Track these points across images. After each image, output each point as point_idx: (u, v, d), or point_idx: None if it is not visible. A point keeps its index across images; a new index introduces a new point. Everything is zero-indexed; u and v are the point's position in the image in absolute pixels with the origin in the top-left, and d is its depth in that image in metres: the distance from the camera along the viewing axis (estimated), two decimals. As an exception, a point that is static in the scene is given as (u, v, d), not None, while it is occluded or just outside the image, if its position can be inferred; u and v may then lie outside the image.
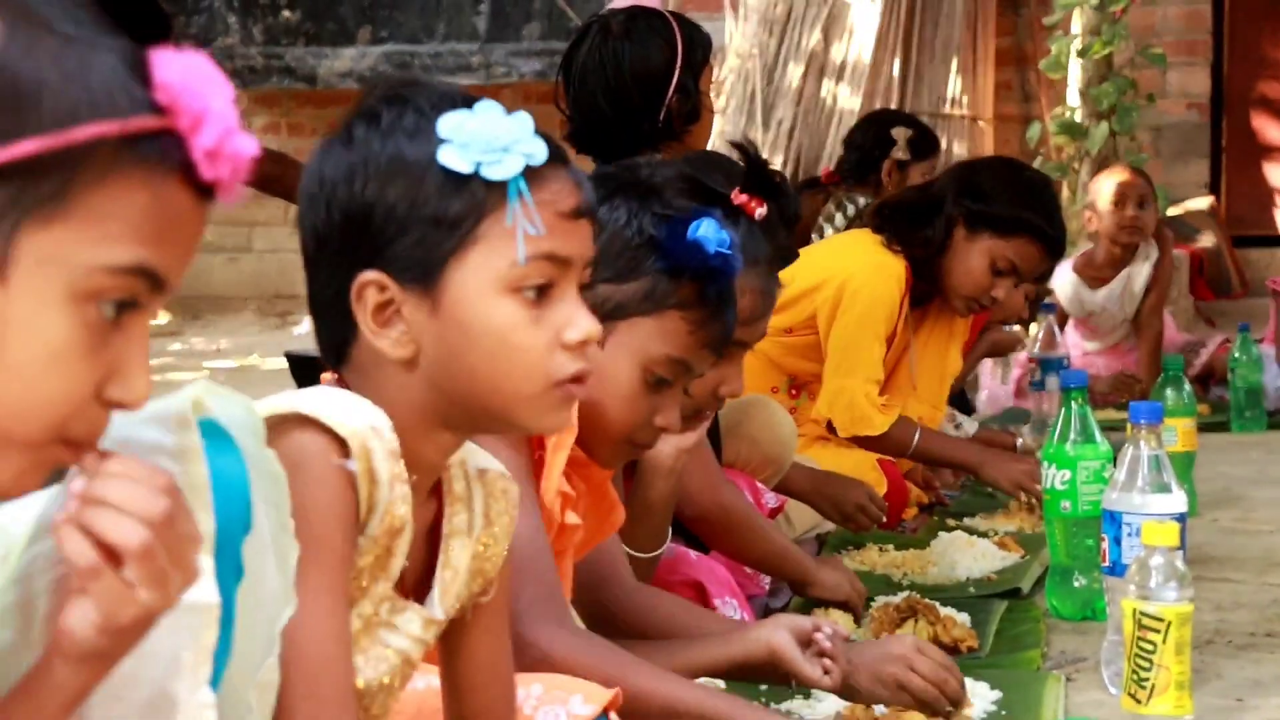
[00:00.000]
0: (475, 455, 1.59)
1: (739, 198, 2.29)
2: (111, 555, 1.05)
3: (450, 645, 1.58)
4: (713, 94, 3.37)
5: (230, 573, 1.20)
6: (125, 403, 1.06)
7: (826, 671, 2.05)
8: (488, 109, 1.45)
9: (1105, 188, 5.57)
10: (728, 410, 3.02)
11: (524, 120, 1.45)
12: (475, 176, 1.43)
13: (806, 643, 2.06)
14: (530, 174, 1.44)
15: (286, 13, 8.10)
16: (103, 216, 1.02)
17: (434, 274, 1.44)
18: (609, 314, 1.89)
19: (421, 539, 1.52)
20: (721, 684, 2.28)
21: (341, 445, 1.40)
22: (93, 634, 1.07)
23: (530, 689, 1.71)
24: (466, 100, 1.47)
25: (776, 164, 6.63)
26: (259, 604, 1.24)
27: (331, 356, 1.52)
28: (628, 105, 3.11)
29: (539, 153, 1.44)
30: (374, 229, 1.44)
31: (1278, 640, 2.68)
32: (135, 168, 1.02)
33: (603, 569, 2.16)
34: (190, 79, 1.04)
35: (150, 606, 1.07)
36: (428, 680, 1.75)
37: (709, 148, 3.32)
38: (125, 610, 1.06)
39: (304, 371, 5.45)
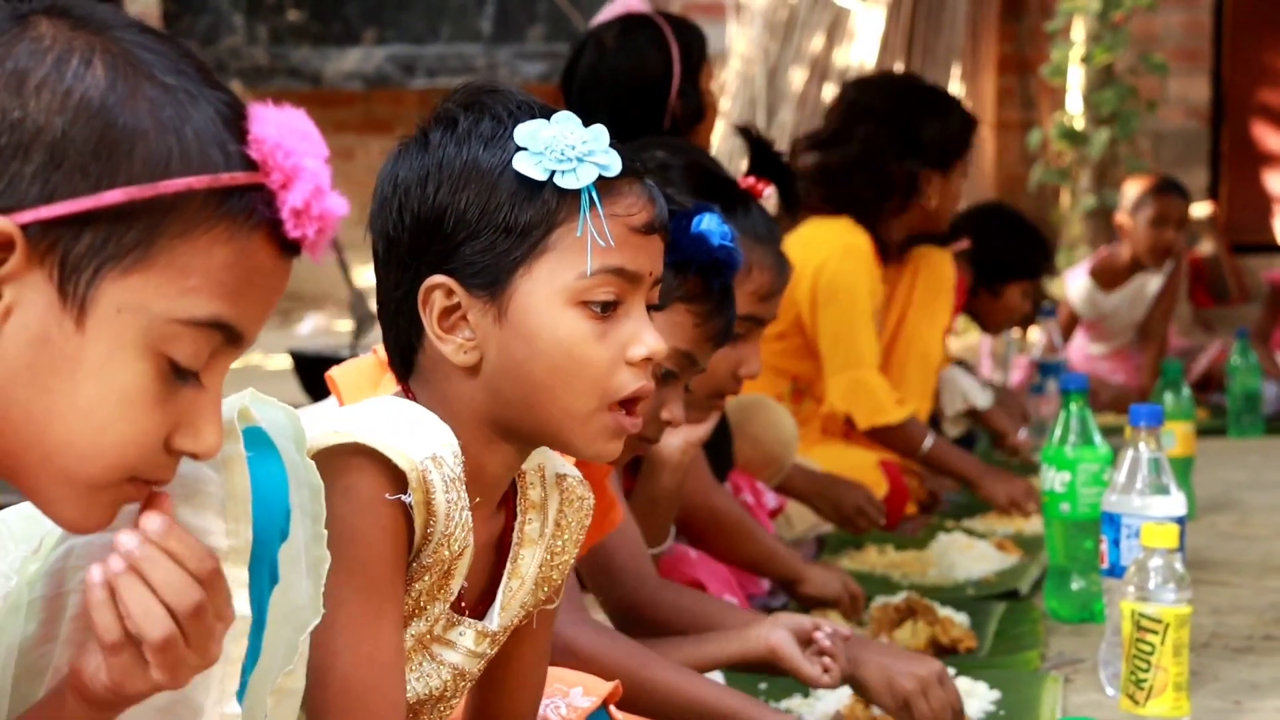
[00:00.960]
0: (553, 460, 1.58)
1: (745, 180, 2.32)
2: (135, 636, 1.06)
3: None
4: (715, 90, 3.39)
5: (265, 579, 1.21)
6: (195, 454, 1.07)
7: (826, 670, 2.06)
8: (565, 119, 1.45)
9: (1146, 203, 5.55)
10: (730, 410, 3.04)
11: (600, 132, 1.45)
12: (549, 185, 1.42)
13: (807, 641, 2.08)
14: (603, 185, 1.44)
15: (292, 13, 8.11)
16: (185, 269, 1.03)
17: (502, 281, 1.44)
18: None
19: (486, 551, 1.52)
20: (720, 677, 2.31)
21: (399, 476, 1.39)
22: (101, 690, 1.08)
23: None
24: (544, 109, 1.47)
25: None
26: (288, 612, 1.25)
27: (398, 361, 1.51)
28: (629, 117, 3.13)
29: (614, 164, 1.44)
30: (445, 233, 1.44)
31: (1275, 643, 2.70)
32: (221, 222, 1.03)
33: (627, 566, 2.18)
34: (285, 136, 1.05)
35: (160, 685, 1.08)
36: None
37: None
38: (135, 684, 1.08)
39: (308, 370, 5.47)
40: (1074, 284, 5.74)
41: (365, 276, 7.92)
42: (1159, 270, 5.61)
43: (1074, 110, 6.98)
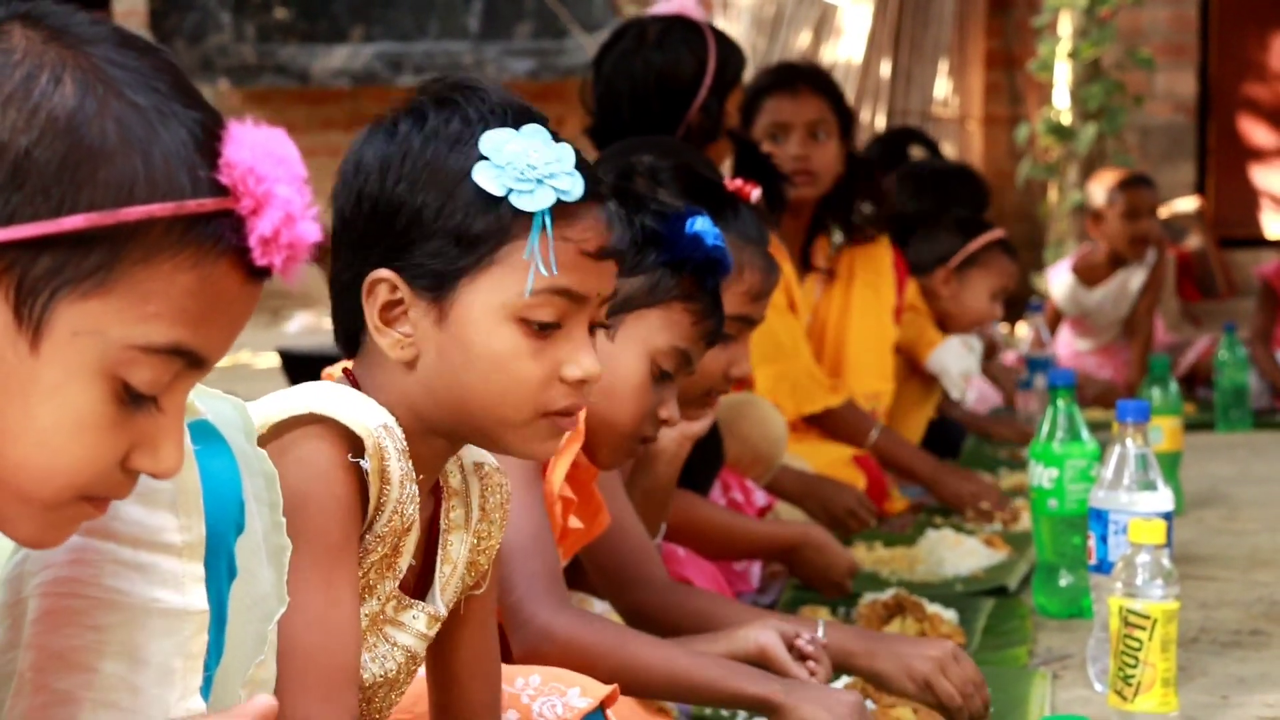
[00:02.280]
0: (470, 451, 1.60)
1: (734, 183, 2.33)
2: None
3: (438, 638, 1.59)
4: (734, 114, 3.38)
5: (223, 573, 1.21)
6: (154, 473, 1.06)
7: (812, 674, 2.08)
8: (534, 133, 1.44)
9: (1116, 199, 5.56)
10: (719, 409, 3.04)
11: (565, 152, 1.44)
12: (505, 200, 1.42)
13: (789, 644, 2.09)
14: (561, 209, 1.43)
15: (280, 11, 8.10)
16: (145, 295, 1.00)
17: (447, 286, 1.44)
18: (616, 307, 1.92)
19: (420, 536, 1.54)
20: None
21: (355, 443, 1.41)
22: None
23: (529, 679, 1.74)
24: (518, 116, 1.46)
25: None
26: (252, 603, 1.25)
27: (343, 341, 1.53)
28: (648, 113, 3.13)
29: (574, 189, 1.43)
30: (398, 228, 1.45)
31: (1262, 638, 2.70)
32: (186, 248, 1.01)
33: (635, 569, 2.19)
34: (259, 160, 1.02)
35: None
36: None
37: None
38: None
39: (297, 368, 5.47)
40: (1057, 281, 5.75)
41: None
42: (1140, 264, 5.62)
43: (1061, 105, 6.99)
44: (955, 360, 4.08)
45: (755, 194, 2.31)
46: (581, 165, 1.46)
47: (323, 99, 7.99)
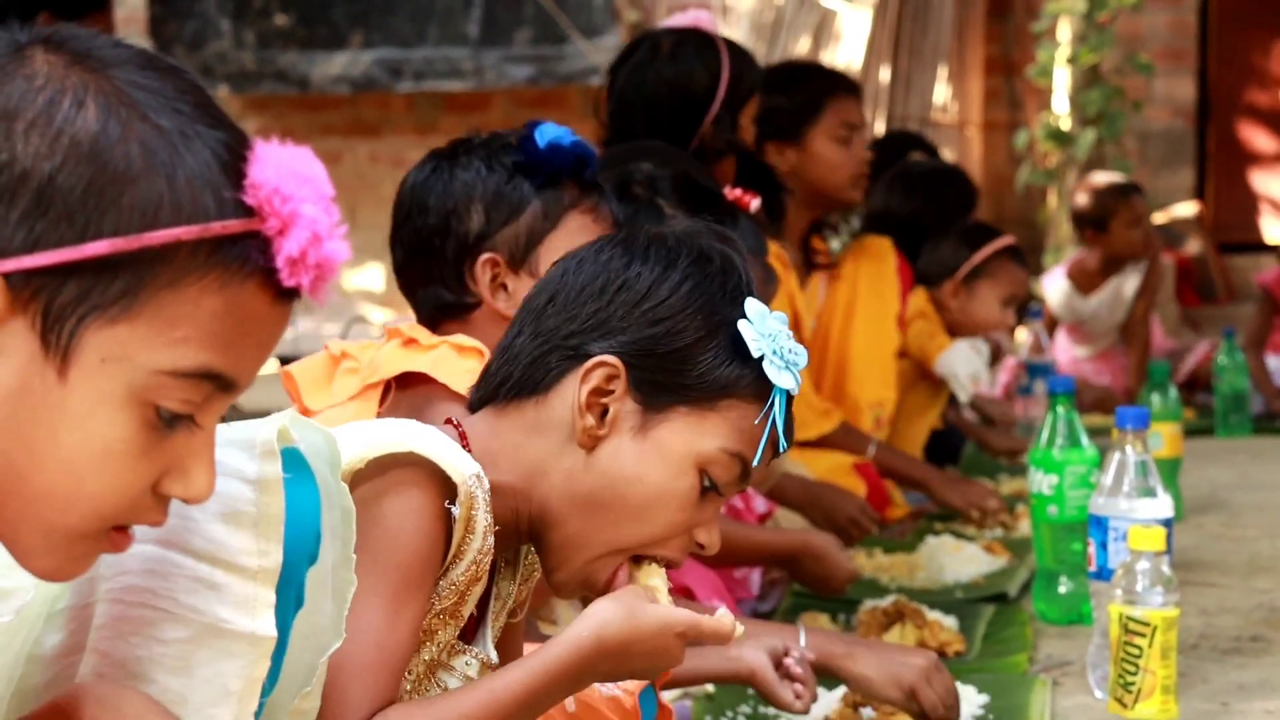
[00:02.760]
0: None
1: (733, 193, 2.33)
2: None
3: None
4: (749, 129, 3.38)
5: (291, 602, 1.21)
6: (185, 499, 1.05)
7: (798, 696, 2.08)
8: (782, 320, 1.51)
9: (1118, 210, 5.56)
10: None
11: (803, 353, 1.51)
12: (756, 362, 1.47)
13: (777, 662, 2.08)
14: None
15: (279, 17, 8.10)
16: (173, 319, 0.99)
17: (662, 405, 1.47)
18: (527, 245, 1.96)
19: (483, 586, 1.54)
20: (711, 688, 2.32)
21: (448, 487, 1.41)
22: None
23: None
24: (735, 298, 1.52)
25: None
26: (311, 634, 1.24)
27: (491, 393, 1.53)
28: (661, 126, 3.14)
29: (794, 387, 1.50)
30: (660, 353, 1.47)
31: (1263, 645, 2.70)
32: (213, 271, 0.99)
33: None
34: (284, 180, 1.01)
35: None
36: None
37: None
38: None
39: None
40: (1052, 287, 5.76)
41: (352, 280, 7.92)
42: (1135, 269, 5.62)
43: (1060, 111, 6.99)
44: (964, 363, 4.08)
45: (754, 204, 2.31)
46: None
47: (322, 105, 7.98)
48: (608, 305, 1.49)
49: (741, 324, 1.48)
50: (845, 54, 7.03)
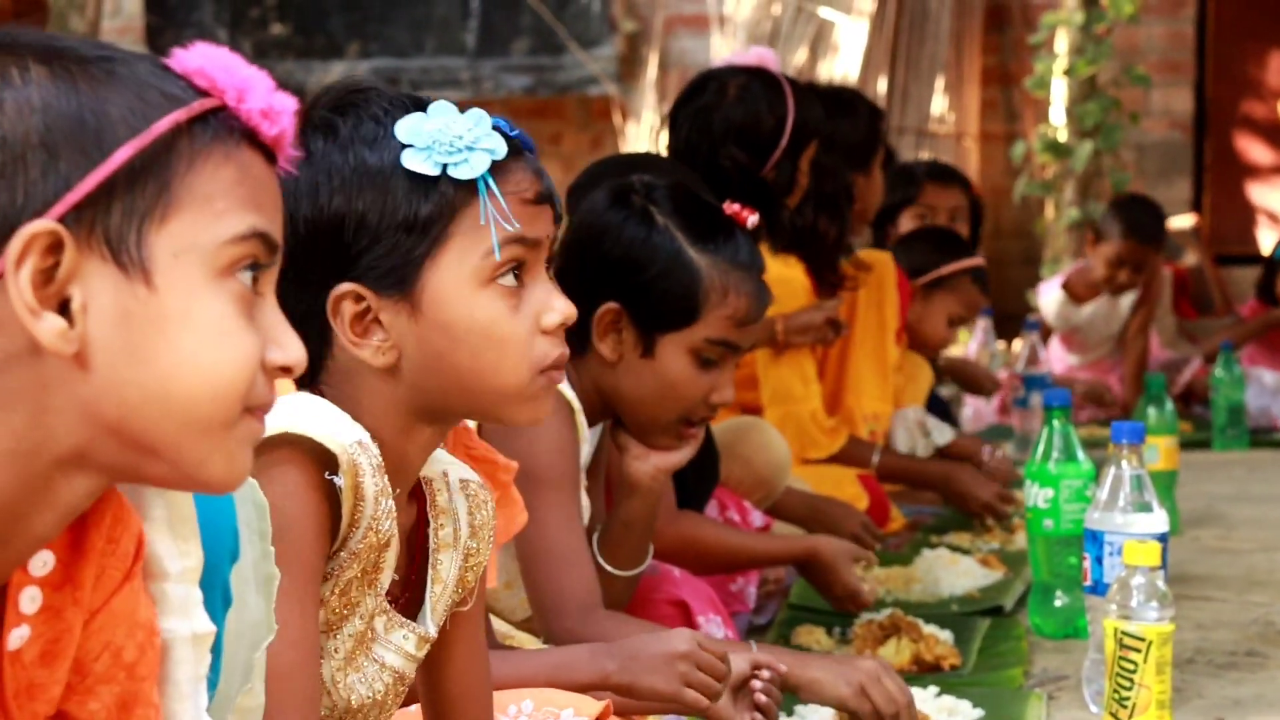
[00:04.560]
0: (455, 468, 1.62)
1: (730, 207, 2.33)
2: None
3: (429, 659, 1.60)
4: (807, 168, 3.41)
5: (218, 601, 1.22)
6: (287, 365, 1.10)
7: None
8: (442, 109, 1.49)
9: (1110, 237, 5.55)
10: (722, 431, 3.04)
11: (481, 117, 1.49)
12: (443, 178, 1.46)
13: (744, 683, 2.06)
14: (493, 168, 1.48)
15: (276, 27, 8.11)
16: (208, 197, 1.06)
17: (410, 278, 1.48)
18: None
19: (405, 550, 1.54)
20: None
21: (329, 460, 1.43)
22: None
23: (522, 704, 1.73)
24: (416, 102, 1.51)
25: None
26: (243, 631, 1.26)
27: (304, 372, 1.54)
28: (722, 166, 3.18)
29: (500, 147, 1.48)
30: (345, 240, 1.48)
31: (1259, 659, 2.70)
32: (214, 145, 1.07)
33: (567, 596, 2.17)
34: (214, 61, 1.09)
35: None
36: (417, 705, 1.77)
37: None
38: None
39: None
40: (1046, 296, 5.77)
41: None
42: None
43: (1057, 122, 7.00)
44: (904, 437, 4.07)
45: (752, 219, 2.31)
46: (494, 124, 1.50)
47: (319, 115, 7.99)
48: (299, 252, 1.48)
49: (404, 158, 1.46)
50: (842, 65, 7.04)
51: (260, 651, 1.27)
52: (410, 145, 1.46)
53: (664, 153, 3.36)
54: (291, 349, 1.10)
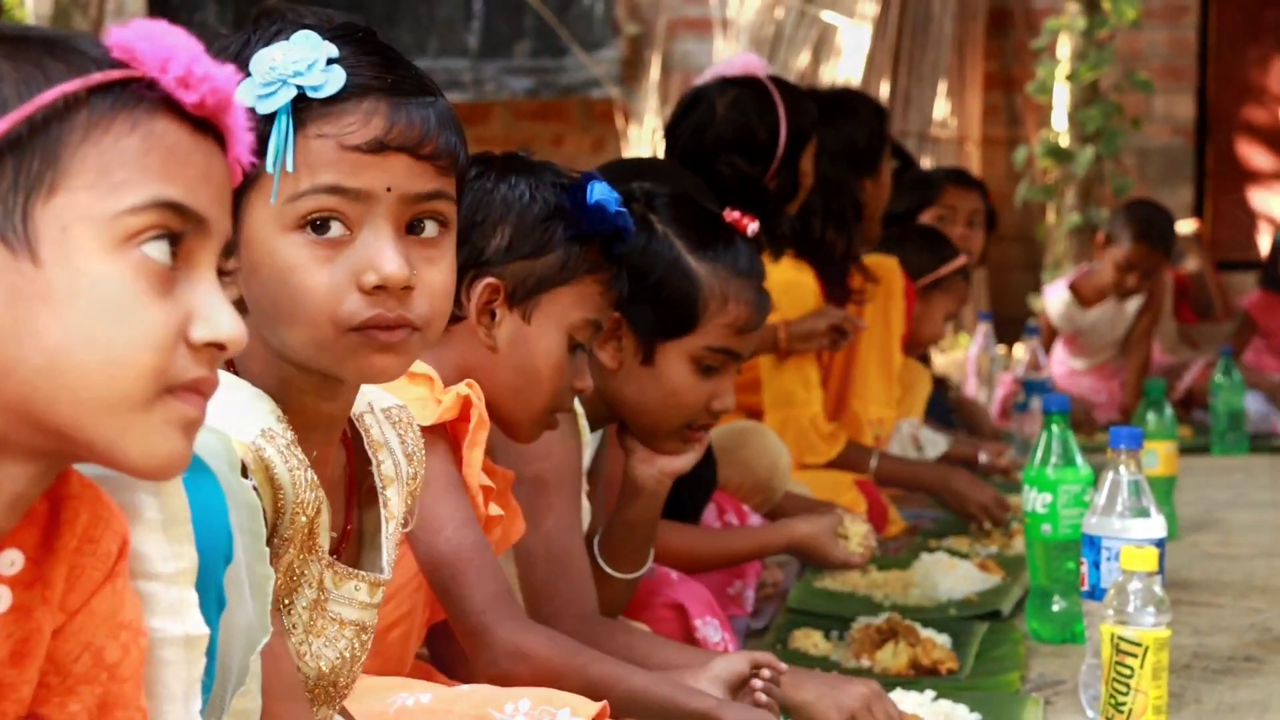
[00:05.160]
0: (379, 397, 1.59)
1: (730, 215, 2.34)
2: None
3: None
4: (809, 168, 3.41)
5: (213, 604, 1.22)
6: (217, 340, 1.05)
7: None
8: (301, 39, 1.39)
9: (1121, 240, 5.55)
10: (722, 435, 3.04)
11: (316, 46, 1.39)
12: (251, 112, 1.33)
13: (741, 684, 2.06)
14: (321, 106, 1.39)
15: (278, 28, 8.13)
16: (103, 168, 1.03)
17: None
18: (533, 289, 1.96)
19: (335, 493, 1.51)
20: None
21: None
22: None
23: (519, 703, 1.74)
24: (330, 29, 1.41)
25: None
26: (237, 632, 1.26)
27: None
28: (722, 177, 3.19)
29: (328, 83, 1.38)
30: None
31: (1256, 664, 2.70)
32: (117, 115, 1.03)
33: (563, 600, 2.17)
34: (139, 34, 1.05)
35: None
36: (415, 698, 1.77)
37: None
38: None
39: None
40: (1053, 298, 5.77)
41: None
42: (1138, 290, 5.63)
43: (1059, 127, 7.00)
44: (897, 451, 4.08)
45: (752, 227, 2.31)
46: (359, 61, 1.40)
47: (322, 116, 8.00)
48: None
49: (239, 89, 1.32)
50: (845, 69, 7.04)
51: (256, 653, 1.27)
52: (249, 75, 1.38)
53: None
54: (222, 324, 1.04)
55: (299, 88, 1.38)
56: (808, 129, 3.33)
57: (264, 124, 1.38)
